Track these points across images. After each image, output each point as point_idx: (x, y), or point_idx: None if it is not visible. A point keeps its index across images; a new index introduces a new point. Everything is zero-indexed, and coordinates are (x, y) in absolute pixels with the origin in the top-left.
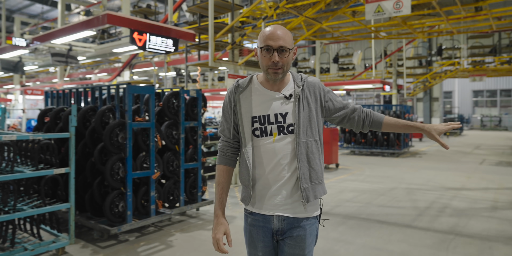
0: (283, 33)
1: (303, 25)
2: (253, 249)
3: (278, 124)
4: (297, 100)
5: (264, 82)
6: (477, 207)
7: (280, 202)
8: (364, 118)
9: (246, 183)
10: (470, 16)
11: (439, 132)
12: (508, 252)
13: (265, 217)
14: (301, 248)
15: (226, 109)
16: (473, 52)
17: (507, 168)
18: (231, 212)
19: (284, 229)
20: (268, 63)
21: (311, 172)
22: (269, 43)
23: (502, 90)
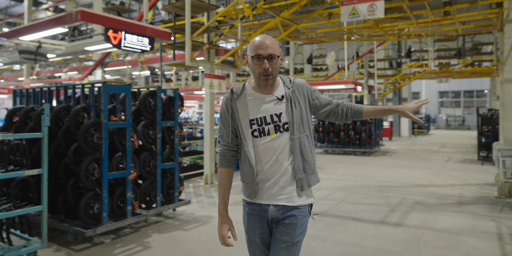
0: (271, 42)
1: (280, 26)
2: (252, 235)
3: (274, 124)
4: (289, 101)
5: (256, 87)
6: (444, 202)
7: (277, 192)
8: (346, 111)
9: (251, 181)
10: (438, 20)
11: (412, 110)
12: (474, 244)
13: (262, 207)
14: (291, 235)
15: (224, 116)
16: (440, 54)
17: (470, 165)
18: (209, 212)
19: (279, 218)
20: (259, 70)
21: (305, 163)
22: (259, 52)
23: (466, 91)
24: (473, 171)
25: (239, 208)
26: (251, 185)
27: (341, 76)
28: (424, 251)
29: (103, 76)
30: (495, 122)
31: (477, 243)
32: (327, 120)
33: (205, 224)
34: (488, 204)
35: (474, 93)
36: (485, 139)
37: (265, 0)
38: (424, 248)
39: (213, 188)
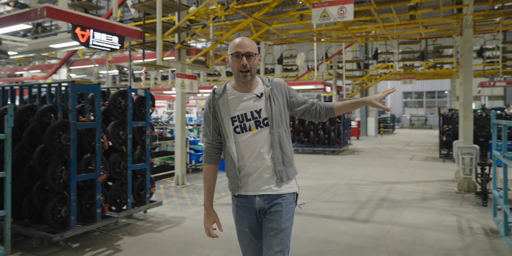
0: (249, 42)
1: (252, 27)
2: (241, 225)
3: (255, 120)
4: (268, 98)
5: (236, 86)
6: (409, 198)
7: (262, 184)
8: (319, 110)
9: (233, 175)
10: (404, 24)
11: (379, 100)
12: (437, 237)
13: (249, 198)
14: (277, 222)
15: (207, 115)
16: (404, 56)
17: (432, 162)
18: (180, 213)
19: (265, 208)
20: (238, 66)
21: (284, 156)
22: (238, 50)
23: (428, 92)
24: (435, 168)
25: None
26: (234, 179)
27: (310, 76)
28: (392, 246)
29: (68, 75)
30: (455, 121)
31: (440, 236)
32: (303, 117)
33: (177, 225)
34: (449, 199)
35: (435, 93)
36: (446, 137)
37: (238, 1)
38: (391, 242)
39: (184, 189)
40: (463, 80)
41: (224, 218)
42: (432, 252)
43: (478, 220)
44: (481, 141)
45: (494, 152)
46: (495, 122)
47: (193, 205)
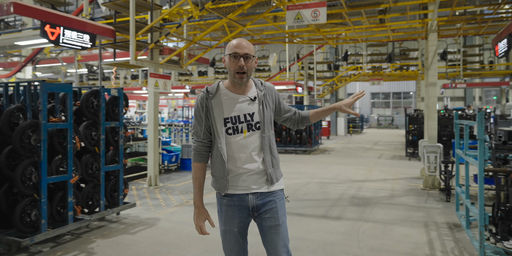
0: (247, 43)
1: (226, 27)
2: (229, 225)
3: (247, 123)
4: (261, 102)
5: (230, 87)
6: (378, 196)
7: (252, 184)
8: (298, 118)
9: (221, 175)
10: (373, 27)
11: (348, 106)
12: (405, 232)
13: (240, 197)
14: (275, 219)
15: (199, 114)
16: (373, 58)
17: (399, 161)
18: (154, 214)
19: (259, 205)
20: (235, 67)
21: (273, 159)
22: (236, 50)
23: (394, 93)
24: (402, 166)
25: (186, 209)
26: (221, 179)
27: (282, 77)
28: (363, 241)
29: (33, 73)
30: (420, 121)
31: (408, 231)
32: (283, 124)
33: (152, 227)
34: (415, 195)
35: (401, 94)
36: (411, 137)
37: (213, 1)
38: (362, 238)
39: (157, 190)
40: (428, 82)
41: None
42: (401, 246)
43: (442, 215)
44: (444, 140)
45: (456, 151)
46: (457, 122)
47: (167, 206)
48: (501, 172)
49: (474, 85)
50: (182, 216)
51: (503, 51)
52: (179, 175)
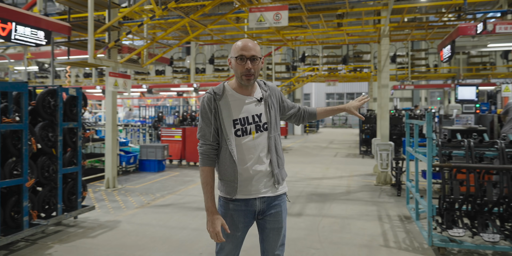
0: (253, 45)
1: (188, 27)
2: (234, 230)
3: (255, 124)
4: (267, 103)
5: (237, 88)
6: (336, 192)
7: (262, 187)
8: (303, 114)
9: (232, 178)
10: (331, 31)
11: (356, 108)
12: (361, 225)
13: (248, 201)
14: (279, 222)
15: (206, 115)
16: (329, 60)
17: (354, 159)
18: (114, 216)
19: (265, 209)
20: (242, 70)
21: (278, 160)
22: (243, 53)
23: (348, 93)
24: (356, 163)
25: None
26: (231, 182)
27: None
28: (323, 236)
29: None
30: (373, 121)
31: (364, 224)
32: (288, 121)
33: (112, 229)
34: (369, 191)
35: (354, 95)
36: (364, 136)
37: (176, 1)
38: (322, 233)
39: (116, 192)
40: (380, 84)
41: (162, 220)
42: (358, 239)
43: (394, 209)
44: (394, 138)
45: (407, 148)
46: (408, 122)
47: (128, 208)
48: (447, 167)
49: (421, 87)
50: (143, 218)
51: (447, 56)
52: (137, 176)
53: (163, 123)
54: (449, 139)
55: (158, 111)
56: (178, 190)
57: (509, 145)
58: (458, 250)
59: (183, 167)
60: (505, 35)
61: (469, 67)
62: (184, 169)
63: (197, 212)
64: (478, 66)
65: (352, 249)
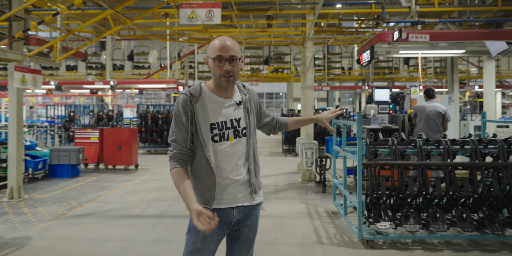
0: (232, 44)
1: (110, 19)
2: (206, 243)
3: (234, 129)
4: (246, 107)
5: (215, 90)
6: (265, 191)
7: (237, 195)
8: (276, 123)
9: (209, 187)
10: (259, 31)
11: (328, 120)
12: (294, 224)
13: (224, 211)
14: (253, 232)
15: (180, 119)
16: (251, 60)
17: (277, 157)
18: (23, 232)
19: (241, 219)
20: (220, 71)
21: (256, 168)
22: (221, 53)
23: (267, 93)
24: (280, 162)
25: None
26: (208, 191)
27: (163, 75)
28: (258, 237)
29: None
30: None
31: (296, 222)
32: (260, 129)
33: (22, 248)
34: (296, 189)
35: (273, 95)
36: (287, 134)
37: None
38: (258, 234)
39: (22, 203)
40: (305, 85)
41: (82, 232)
42: (292, 238)
43: (321, 205)
44: (315, 137)
45: (334, 147)
46: (335, 122)
47: (39, 221)
48: (375, 165)
49: (336, 88)
50: (60, 231)
51: (366, 60)
52: (48, 183)
53: (75, 123)
54: (376, 138)
55: (69, 110)
56: (98, 197)
57: (425, 143)
58: (384, 242)
59: (100, 172)
60: (415, 43)
61: (377, 70)
62: (102, 174)
63: (123, 221)
64: (385, 70)
65: (288, 248)
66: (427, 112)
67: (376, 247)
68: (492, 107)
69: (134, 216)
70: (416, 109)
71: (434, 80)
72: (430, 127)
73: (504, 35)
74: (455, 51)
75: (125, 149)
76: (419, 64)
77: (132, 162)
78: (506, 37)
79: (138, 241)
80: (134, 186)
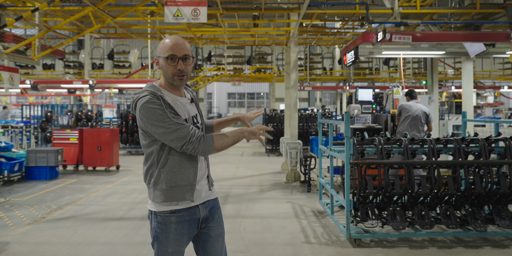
0: (183, 42)
1: (91, 16)
2: (178, 245)
3: (195, 125)
4: (196, 103)
5: (169, 89)
6: (250, 192)
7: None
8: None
9: (190, 182)
10: (244, 31)
11: (250, 120)
12: (281, 223)
13: (190, 210)
14: (221, 227)
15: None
16: (234, 60)
17: (260, 157)
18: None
19: (208, 215)
20: (174, 71)
21: (209, 161)
22: (174, 52)
23: (249, 93)
24: (264, 162)
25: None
26: (188, 186)
27: (144, 74)
28: (246, 237)
29: None
30: (277, 120)
31: (282, 222)
32: None
33: (0, 254)
34: (281, 189)
35: (255, 95)
36: (270, 134)
37: None
38: (245, 234)
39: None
40: (290, 85)
41: (63, 236)
42: (280, 238)
43: (307, 204)
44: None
45: (320, 146)
46: (321, 122)
47: (17, 225)
48: (362, 164)
49: (317, 88)
50: (40, 236)
51: (350, 60)
52: (25, 186)
53: (52, 124)
54: (362, 137)
55: (46, 110)
56: (79, 199)
57: (411, 142)
58: (371, 240)
59: (80, 173)
60: (398, 44)
61: (358, 71)
62: (81, 175)
63: (106, 223)
64: (365, 71)
65: (277, 248)
66: (413, 112)
67: (363, 246)
68: (470, 107)
69: (117, 219)
70: (400, 108)
71: (413, 81)
72: (416, 127)
73: (483, 37)
74: (435, 52)
75: (106, 150)
76: (400, 65)
77: (113, 163)
78: (485, 39)
79: (123, 244)
80: (115, 187)
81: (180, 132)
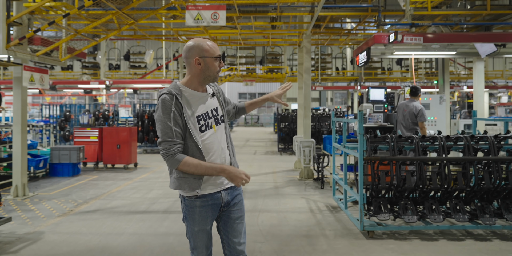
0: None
1: (115, 20)
2: (203, 225)
3: (214, 117)
4: (218, 97)
5: (196, 87)
6: (265, 188)
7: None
8: (236, 109)
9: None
10: (259, 32)
11: (279, 96)
12: (296, 217)
13: (214, 195)
14: (242, 210)
15: (170, 116)
16: (247, 60)
17: (273, 156)
18: (34, 227)
19: (229, 200)
20: (217, 69)
21: (233, 148)
22: (218, 53)
23: (259, 93)
24: (277, 160)
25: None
26: (195, 178)
27: (159, 75)
28: (264, 229)
29: None
30: (290, 119)
31: (298, 216)
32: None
33: (36, 242)
34: (295, 186)
35: None
36: (282, 134)
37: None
38: (263, 227)
39: (27, 201)
40: (304, 85)
41: (93, 227)
42: (297, 230)
43: (321, 200)
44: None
45: (334, 144)
46: (335, 120)
47: (48, 217)
48: (375, 159)
49: (329, 88)
50: (71, 227)
51: (363, 61)
52: (50, 182)
53: (70, 123)
54: (375, 135)
55: (65, 110)
56: (102, 194)
57: (422, 140)
58: (383, 232)
59: (100, 170)
60: (409, 45)
61: (369, 71)
62: (102, 172)
63: (131, 216)
64: (377, 71)
65: (294, 239)
66: (402, 112)
67: (376, 238)
68: (481, 107)
69: (141, 212)
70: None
71: (424, 81)
72: (405, 126)
73: (493, 37)
74: (446, 52)
75: (125, 148)
76: (412, 65)
77: (131, 161)
78: (495, 40)
79: (149, 234)
80: (135, 184)
81: (164, 142)
